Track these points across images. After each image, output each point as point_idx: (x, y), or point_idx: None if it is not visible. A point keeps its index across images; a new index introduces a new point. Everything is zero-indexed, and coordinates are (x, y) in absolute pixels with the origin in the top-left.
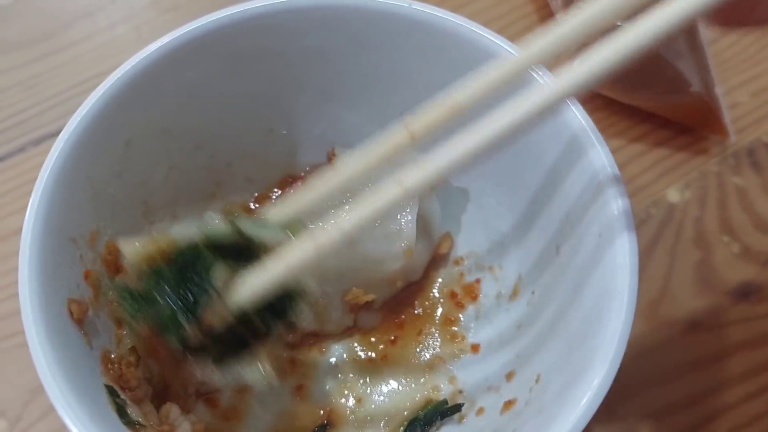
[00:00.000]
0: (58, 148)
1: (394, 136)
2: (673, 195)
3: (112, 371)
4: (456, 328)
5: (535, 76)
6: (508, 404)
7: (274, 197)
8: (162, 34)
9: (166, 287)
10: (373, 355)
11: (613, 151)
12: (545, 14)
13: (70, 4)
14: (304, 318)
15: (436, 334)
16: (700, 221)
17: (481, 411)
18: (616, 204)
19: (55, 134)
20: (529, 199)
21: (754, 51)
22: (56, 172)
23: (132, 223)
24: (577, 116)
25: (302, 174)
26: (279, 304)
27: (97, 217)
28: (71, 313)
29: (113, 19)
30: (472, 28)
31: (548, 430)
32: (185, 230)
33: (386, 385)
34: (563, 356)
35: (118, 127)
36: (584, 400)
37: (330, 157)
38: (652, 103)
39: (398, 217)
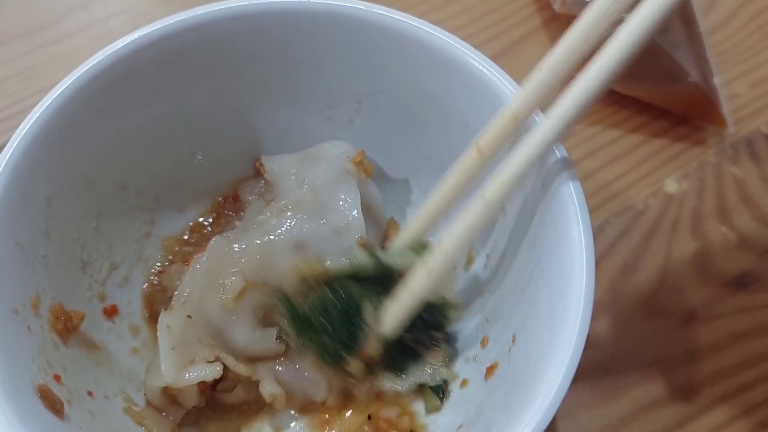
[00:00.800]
0: None
1: (466, 157)
2: (671, 185)
3: None
4: None
5: None
6: (491, 369)
7: (207, 225)
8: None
9: (328, 322)
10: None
11: (612, 142)
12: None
13: None
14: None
15: None
16: (697, 212)
17: (465, 383)
18: (554, 152)
19: None
20: None
21: (753, 41)
22: None
23: (71, 281)
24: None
25: (231, 193)
26: (428, 315)
27: (35, 281)
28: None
29: (109, 10)
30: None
31: (538, 388)
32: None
33: None
34: (532, 311)
35: (36, 184)
36: (567, 352)
37: (258, 169)
38: (651, 93)
39: (342, 209)
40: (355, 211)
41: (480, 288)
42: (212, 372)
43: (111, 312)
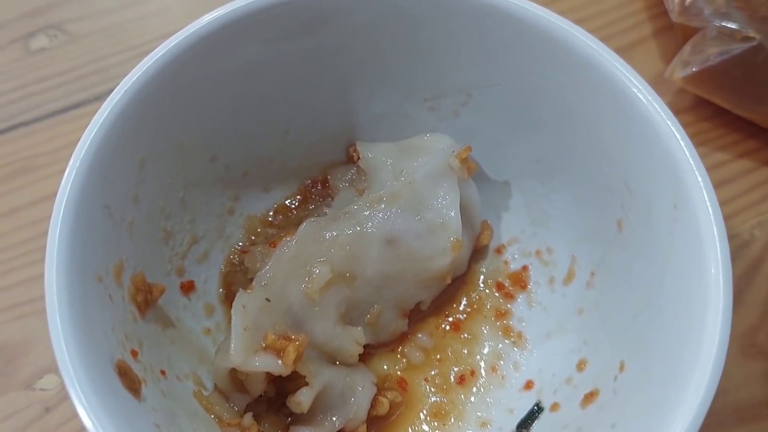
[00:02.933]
0: (70, 178)
1: None
2: None
3: None
4: (509, 321)
5: None
6: (590, 396)
7: (293, 207)
8: None
9: None
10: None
11: (719, 165)
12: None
13: None
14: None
15: (488, 331)
16: None
17: (556, 407)
18: (691, 171)
19: None
20: (576, 174)
21: None
22: (73, 204)
23: (153, 251)
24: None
25: (320, 177)
26: None
27: (119, 248)
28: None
29: None
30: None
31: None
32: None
33: None
34: (649, 340)
35: (131, 146)
36: (699, 393)
37: (351, 155)
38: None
39: (439, 206)
40: (453, 210)
41: (579, 306)
42: (280, 368)
43: (188, 288)
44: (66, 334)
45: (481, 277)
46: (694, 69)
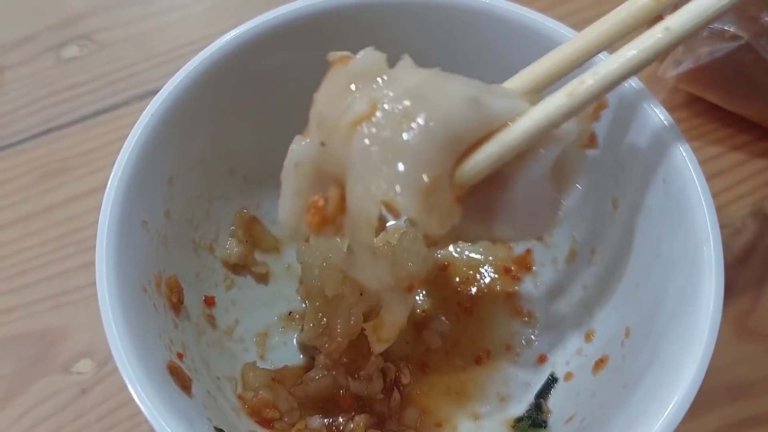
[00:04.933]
0: (110, 197)
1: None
2: None
3: None
4: (518, 302)
5: None
6: (600, 363)
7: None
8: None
9: None
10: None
11: (712, 158)
12: None
13: None
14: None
15: (499, 312)
16: None
17: (569, 376)
18: (677, 147)
19: (158, 91)
20: None
21: None
22: (116, 221)
23: (185, 262)
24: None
25: None
26: None
27: (157, 260)
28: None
29: None
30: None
31: (674, 385)
32: None
33: None
34: (652, 306)
35: (161, 165)
36: (699, 352)
37: None
38: (758, 112)
39: None
40: None
41: (583, 283)
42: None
43: (210, 302)
44: (123, 341)
45: (487, 265)
46: (685, 67)
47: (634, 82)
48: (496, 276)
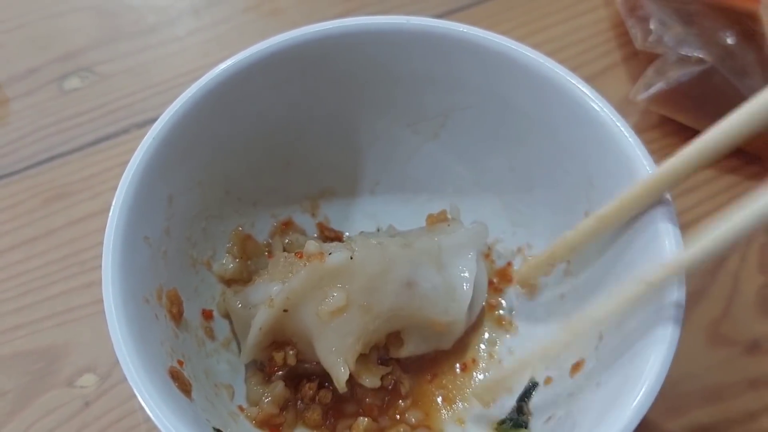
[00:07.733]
0: (115, 214)
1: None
2: None
3: None
4: (500, 312)
5: None
6: (577, 366)
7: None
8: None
9: None
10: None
11: None
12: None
13: (178, 2)
14: None
15: (483, 322)
16: (766, 248)
17: (549, 380)
18: (642, 162)
19: (156, 119)
20: (546, 175)
21: None
22: (120, 236)
23: (185, 276)
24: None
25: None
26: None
27: (158, 274)
28: (174, 377)
29: (216, 18)
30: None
31: (640, 374)
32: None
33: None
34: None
35: (161, 184)
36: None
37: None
38: None
39: (459, 272)
40: (467, 284)
41: (561, 292)
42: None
43: (208, 316)
44: (128, 348)
45: None
46: (655, 90)
47: (604, 105)
48: None
